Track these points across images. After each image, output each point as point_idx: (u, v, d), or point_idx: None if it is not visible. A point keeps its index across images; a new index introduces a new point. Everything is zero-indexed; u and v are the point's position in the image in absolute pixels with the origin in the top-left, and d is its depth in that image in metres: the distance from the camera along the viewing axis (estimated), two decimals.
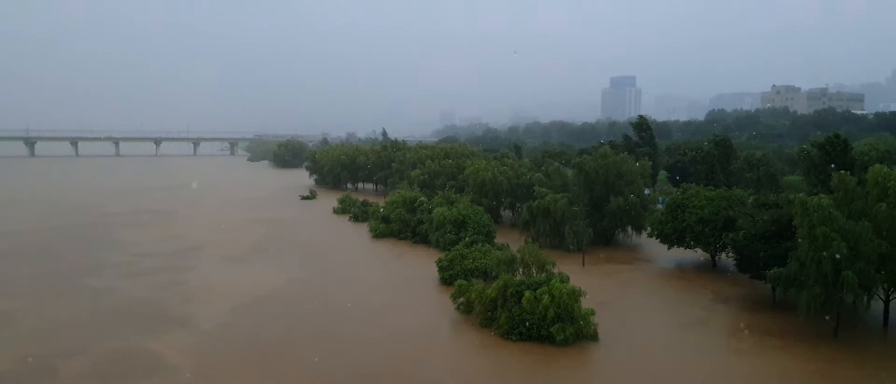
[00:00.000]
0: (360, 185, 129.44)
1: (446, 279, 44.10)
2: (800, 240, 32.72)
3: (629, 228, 61.03)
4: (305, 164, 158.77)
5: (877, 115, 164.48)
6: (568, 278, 35.13)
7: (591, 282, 39.96)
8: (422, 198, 69.12)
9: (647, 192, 68.14)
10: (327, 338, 33.16)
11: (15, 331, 34.64)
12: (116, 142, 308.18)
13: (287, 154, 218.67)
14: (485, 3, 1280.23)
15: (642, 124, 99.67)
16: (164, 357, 30.29)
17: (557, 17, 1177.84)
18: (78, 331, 34.51)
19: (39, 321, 36.32)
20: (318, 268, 51.88)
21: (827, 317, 32.76)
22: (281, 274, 48.04)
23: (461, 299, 37.30)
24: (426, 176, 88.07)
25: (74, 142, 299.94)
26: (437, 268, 46.17)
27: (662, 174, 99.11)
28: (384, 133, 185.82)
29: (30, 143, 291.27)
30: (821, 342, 32.39)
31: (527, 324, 32.49)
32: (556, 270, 36.50)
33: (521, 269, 37.33)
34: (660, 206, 61.65)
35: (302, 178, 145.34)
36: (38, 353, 30.67)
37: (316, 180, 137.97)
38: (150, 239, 64.04)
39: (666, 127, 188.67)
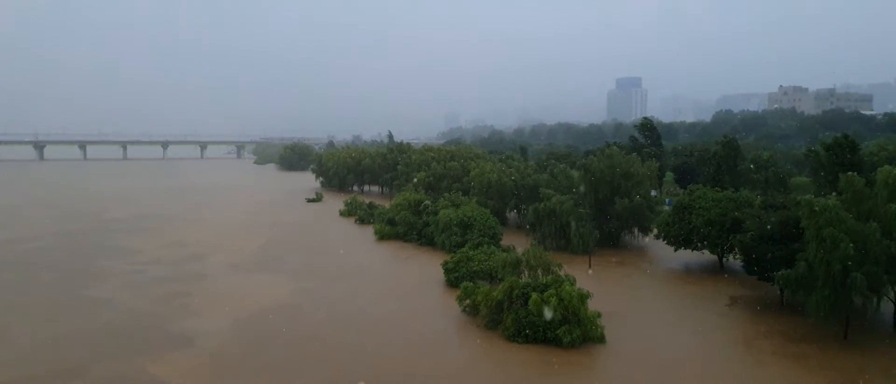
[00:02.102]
0: (366, 188, 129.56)
1: (452, 281, 44.06)
2: (808, 241, 32.49)
3: (636, 230, 60.82)
4: (311, 166, 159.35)
5: (886, 115, 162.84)
6: (574, 280, 35.01)
7: (598, 284, 39.83)
8: (426, 201, 69.08)
9: (653, 193, 67.89)
10: (334, 350, 32.12)
11: (9, 349, 32.75)
12: (124, 145, 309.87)
13: (293, 156, 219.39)
14: (489, 5, 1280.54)
15: (648, 126, 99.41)
16: (165, 381, 28.33)
17: (562, 19, 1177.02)
18: (76, 349, 32.63)
19: (36, 337, 34.42)
20: (324, 274, 50.65)
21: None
22: (287, 282, 47.02)
23: (467, 301, 37.26)
24: (431, 178, 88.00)
25: (82, 145, 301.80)
26: (442, 271, 46.17)
27: (669, 175, 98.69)
28: (390, 136, 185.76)
29: (39, 146, 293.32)
30: (831, 346, 32.09)
31: (535, 325, 32.38)
32: (562, 272, 36.39)
33: (526, 271, 37.23)
34: (666, 208, 61.39)
35: (308, 181, 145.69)
36: (33, 375, 28.96)
37: (322, 183, 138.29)
38: (154, 245, 62.66)
39: (672, 128, 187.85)
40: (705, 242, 48.78)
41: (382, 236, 67.32)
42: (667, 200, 71.67)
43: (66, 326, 36.47)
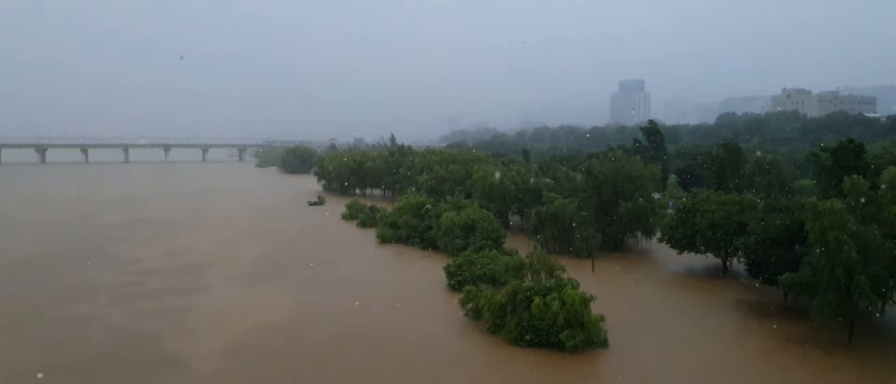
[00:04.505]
0: (368, 191, 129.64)
1: (454, 285, 43.96)
2: (812, 245, 32.33)
3: (639, 233, 60.68)
4: (313, 169, 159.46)
5: (889, 117, 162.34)
6: (578, 284, 34.90)
7: (601, 287, 39.63)
8: (429, 204, 68.99)
9: (657, 196, 67.74)
10: (338, 370, 30.27)
11: None
12: (126, 148, 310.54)
13: (295, 160, 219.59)
14: (490, 9, 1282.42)
15: (652, 129, 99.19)
16: None
17: (565, 22, 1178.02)
18: (60, 377, 29.81)
19: (15, 364, 31.15)
20: (326, 283, 48.82)
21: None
22: (289, 295, 44.09)
23: (470, 305, 37.15)
24: (434, 181, 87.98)
25: (84, 149, 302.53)
26: (445, 274, 46.04)
27: (672, 178, 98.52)
28: (392, 138, 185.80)
29: (41, 149, 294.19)
30: (835, 350, 31.92)
31: (538, 330, 32.28)
32: (565, 276, 36.27)
33: (529, 275, 37.13)
34: (670, 211, 61.24)
35: (310, 184, 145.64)
36: None
37: (324, 186, 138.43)
38: (152, 254, 59.98)
39: (675, 131, 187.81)
40: (709, 246, 48.63)
41: (384, 240, 67.22)
42: (670, 203, 71.42)
43: (52, 350, 33.44)
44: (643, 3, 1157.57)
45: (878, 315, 33.03)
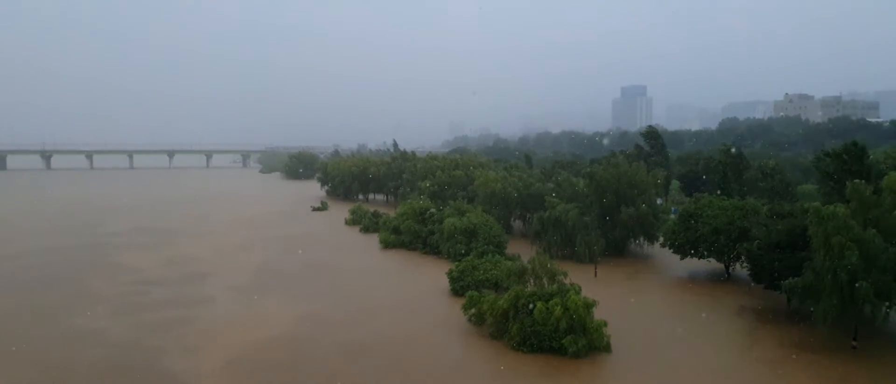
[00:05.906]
0: (371, 196, 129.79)
1: (457, 290, 43.99)
2: (815, 250, 32.30)
3: (641, 238, 60.64)
4: (317, 175, 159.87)
5: (892, 122, 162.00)
6: (580, 289, 34.90)
7: (604, 292, 39.61)
8: (431, 209, 69.06)
9: (659, 201, 67.67)
10: (340, 382, 29.77)
11: None
12: (130, 154, 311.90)
13: (299, 165, 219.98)
14: (494, 12, 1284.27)
15: (653, 134, 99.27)
16: None
17: (567, 27, 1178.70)
18: None
19: (7, 380, 29.82)
20: (329, 292, 47.89)
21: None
22: (293, 304, 43.71)
23: (472, 311, 37.17)
24: (436, 186, 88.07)
25: (89, 155, 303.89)
26: (447, 280, 46.07)
27: (675, 184, 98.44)
28: (395, 144, 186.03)
29: (46, 156, 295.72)
30: (839, 355, 31.82)
31: (540, 335, 32.29)
32: (567, 281, 36.28)
33: (532, 280, 37.13)
34: (672, 216, 61.21)
35: (314, 189, 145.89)
36: None
37: (327, 191, 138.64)
38: (153, 263, 58.93)
39: (677, 136, 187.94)
40: (711, 251, 48.59)
41: (387, 245, 67.28)
42: (672, 209, 71.38)
43: (45, 367, 31.63)
44: (644, 8, 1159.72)
45: (881, 321, 32.87)
